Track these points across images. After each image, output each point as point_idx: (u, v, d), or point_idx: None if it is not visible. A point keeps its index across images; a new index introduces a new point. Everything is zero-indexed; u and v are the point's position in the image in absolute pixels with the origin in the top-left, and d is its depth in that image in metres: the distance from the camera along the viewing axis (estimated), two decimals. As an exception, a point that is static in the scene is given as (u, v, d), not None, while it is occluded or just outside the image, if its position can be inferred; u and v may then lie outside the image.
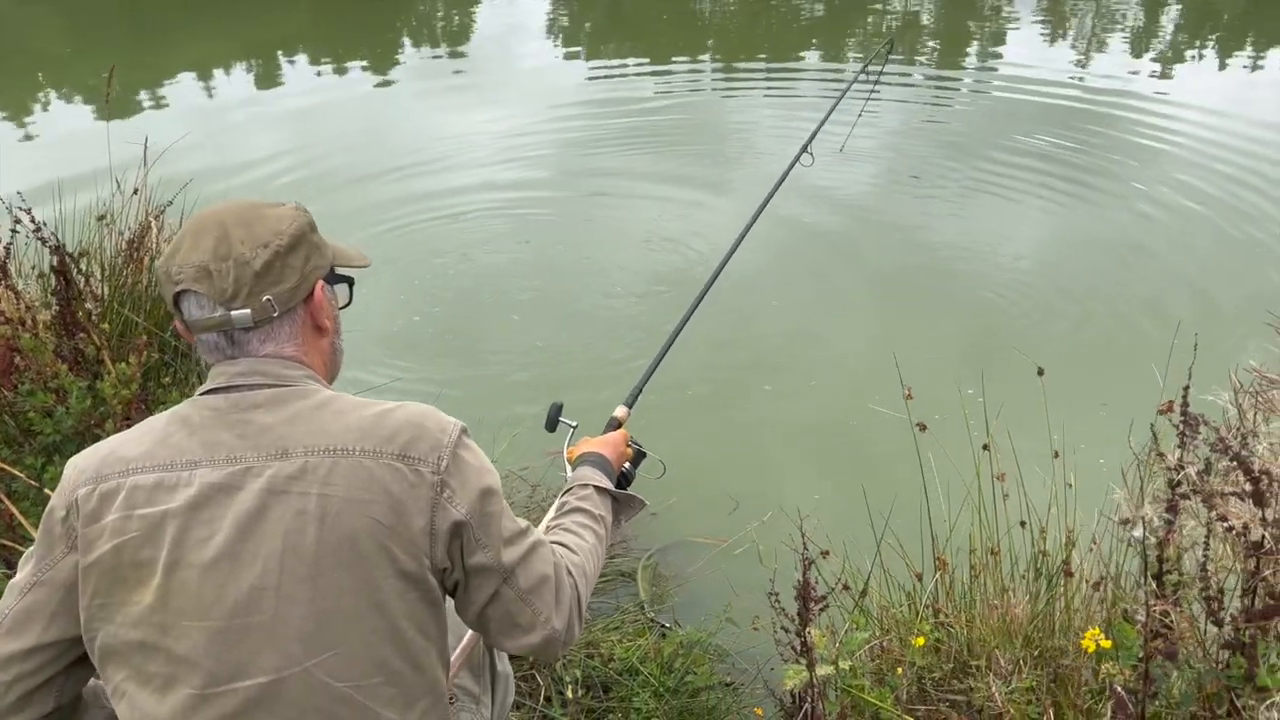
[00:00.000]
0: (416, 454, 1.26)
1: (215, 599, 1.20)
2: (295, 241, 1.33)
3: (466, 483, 1.29)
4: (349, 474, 1.23)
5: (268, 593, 1.19)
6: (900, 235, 5.48)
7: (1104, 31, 10.55)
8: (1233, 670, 1.43)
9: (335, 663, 1.21)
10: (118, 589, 1.23)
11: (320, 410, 1.28)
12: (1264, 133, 6.74)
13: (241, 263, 1.28)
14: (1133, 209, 5.71)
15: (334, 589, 1.20)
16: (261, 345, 1.32)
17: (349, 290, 1.51)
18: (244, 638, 1.20)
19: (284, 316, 1.33)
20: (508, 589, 1.34)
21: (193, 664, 1.20)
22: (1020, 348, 4.00)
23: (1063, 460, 2.22)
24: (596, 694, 2.46)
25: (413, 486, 1.25)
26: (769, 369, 4.20)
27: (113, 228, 3.67)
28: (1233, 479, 1.40)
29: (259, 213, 1.33)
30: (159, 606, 1.21)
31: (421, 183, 6.45)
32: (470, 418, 1.38)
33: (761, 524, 3.17)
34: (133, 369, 2.77)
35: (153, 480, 1.24)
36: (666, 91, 8.65)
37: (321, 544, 1.20)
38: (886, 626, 2.15)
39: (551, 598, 1.37)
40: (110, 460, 1.27)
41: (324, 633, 1.21)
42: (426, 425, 1.29)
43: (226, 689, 1.20)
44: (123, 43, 11.49)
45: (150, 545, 1.22)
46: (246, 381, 1.30)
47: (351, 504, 1.21)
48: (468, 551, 1.30)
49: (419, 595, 1.26)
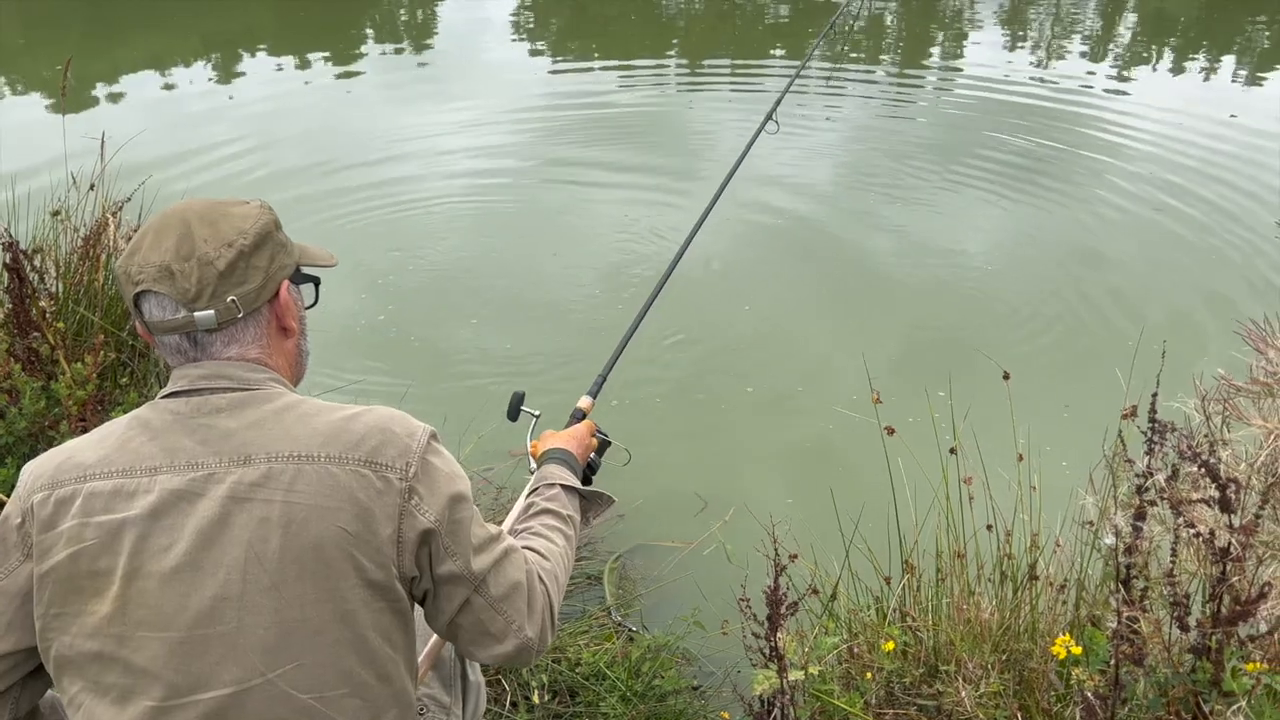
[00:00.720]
0: (384, 460, 1.23)
1: (176, 609, 1.17)
2: (260, 240, 1.30)
3: (435, 489, 1.26)
4: (314, 481, 1.20)
5: (230, 603, 1.17)
6: (865, 238, 5.51)
7: (1063, 37, 10.69)
8: (1199, 675, 1.44)
9: (299, 674, 1.19)
10: (74, 598, 1.19)
11: (284, 415, 1.25)
12: (1220, 139, 6.87)
13: (205, 262, 1.24)
14: (1094, 213, 5.79)
15: (298, 599, 1.17)
16: (225, 347, 1.29)
17: (315, 290, 1.48)
18: (205, 649, 1.17)
19: (248, 318, 1.30)
20: (479, 598, 1.31)
21: (153, 676, 1.17)
22: (985, 351, 4.03)
23: (1027, 463, 2.23)
24: (563, 699, 2.44)
25: (380, 494, 1.22)
26: (737, 372, 4.20)
27: (68, 224, 3.59)
28: (1200, 485, 1.42)
29: (223, 211, 1.30)
30: (117, 617, 1.18)
31: (382, 180, 6.38)
32: (434, 419, 1.35)
33: (726, 524, 3.17)
34: (88, 369, 2.71)
35: (111, 487, 1.20)
36: (630, 88, 8.66)
37: (285, 553, 1.17)
38: (855, 631, 2.16)
39: (524, 605, 1.34)
40: (67, 466, 1.24)
41: (288, 644, 1.18)
42: (394, 430, 1.26)
43: (187, 701, 1.17)
44: (78, 34, 11.25)
45: (108, 554, 1.18)
46: (209, 385, 1.26)
47: (317, 511, 1.18)
48: (436, 560, 1.27)
49: (386, 605, 1.24)
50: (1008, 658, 1.95)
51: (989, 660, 1.92)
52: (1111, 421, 1.82)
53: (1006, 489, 2.26)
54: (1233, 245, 5.30)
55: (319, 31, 11.32)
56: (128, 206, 3.63)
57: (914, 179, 6.31)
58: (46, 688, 1.33)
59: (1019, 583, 2.09)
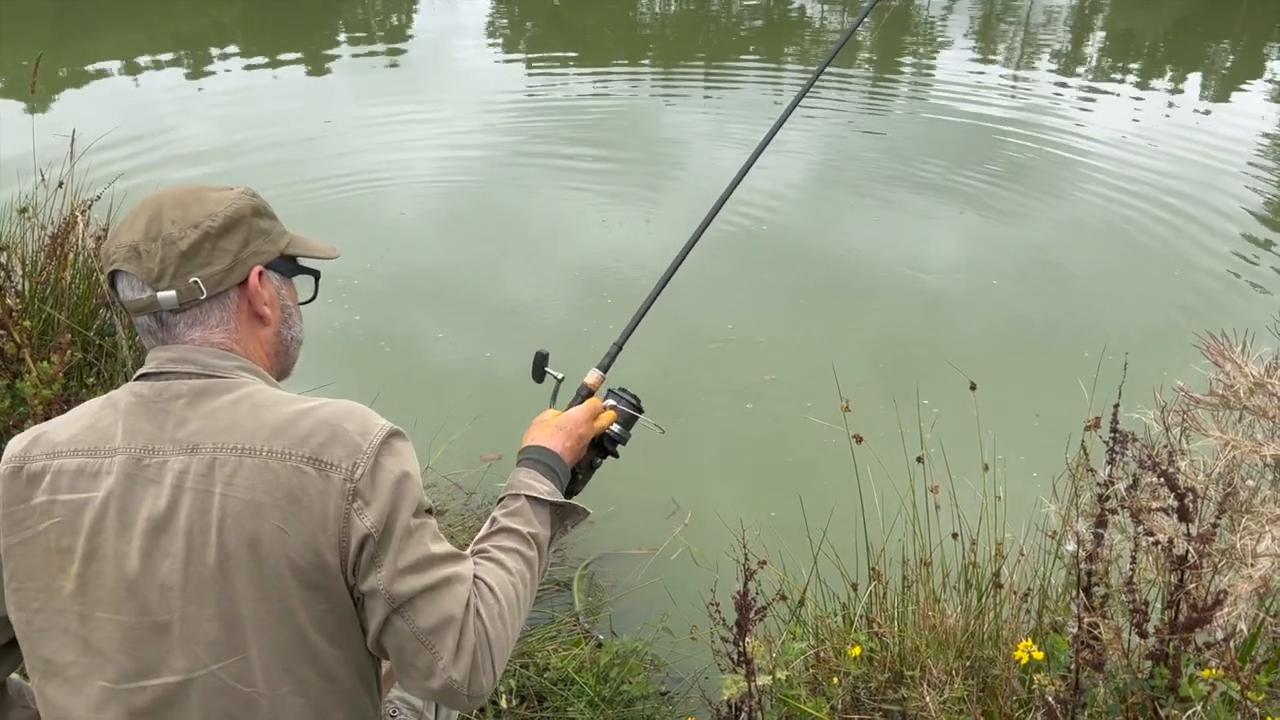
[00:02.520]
0: (329, 459, 1.18)
1: (127, 595, 1.17)
2: (231, 224, 1.29)
3: (380, 494, 1.19)
4: (252, 475, 1.17)
5: (174, 593, 1.16)
6: (834, 247, 5.56)
7: (1032, 54, 10.85)
8: (1156, 680, 1.47)
9: (242, 668, 1.18)
10: (41, 573, 1.20)
11: (238, 405, 1.23)
12: (1184, 153, 7.01)
13: (169, 242, 1.25)
14: (1060, 225, 5.89)
15: (238, 595, 1.16)
16: (189, 329, 1.28)
17: (314, 284, 1.47)
18: (154, 636, 1.17)
19: (213, 301, 1.29)
20: (402, 622, 1.20)
21: (107, 657, 1.18)
22: (953, 361, 4.08)
23: (993, 473, 2.27)
24: (531, 704, 2.44)
25: (321, 493, 1.17)
26: (706, 379, 4.22)
27: (36, 221, 3.54)
28: (1159, 495, 1.45)
29: (199, 195, 1.30)
30: (78, 595, 1.19)
31: (351, 180, 6.36)
32: (404, 423, 1.33)
33: (694, 531, 3.19)
34: (55, 368, 2.69)
35: (76, 465, 1.21)
36: (604, 94, 8.69)
37: (223, 548, 1.16)
38: (822, 636, 2.18)
39: (454, 644, 1.21)
40: (40, 442, 1.25)
41: (230, 637, 1.17)
42: (346, 427, 1.21)
43: (136, 686, 1.18)
44: (47, 31, 11.12)
45: (70, 532, 1.19)
46: (175, 369, 1.26)
47: (250, 507, 1.16)
48: (363, 569, 1.19)
49: (328, 608, 1.20)
50: (971, 664, 1.98)
51: (953, 666, 1.94)
52: (1077, 432, 1.86)
53: (973, 498, 2.30)
54: (1196, 258, 5.40)
55: (290, 31, 11.26)
56: (96, 205, 3.59)
57: (882, 190, 6.39)
58: (13, 667, 1.33)
59: (983, 590, 2.12)
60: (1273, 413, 1.47)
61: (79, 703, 1.19)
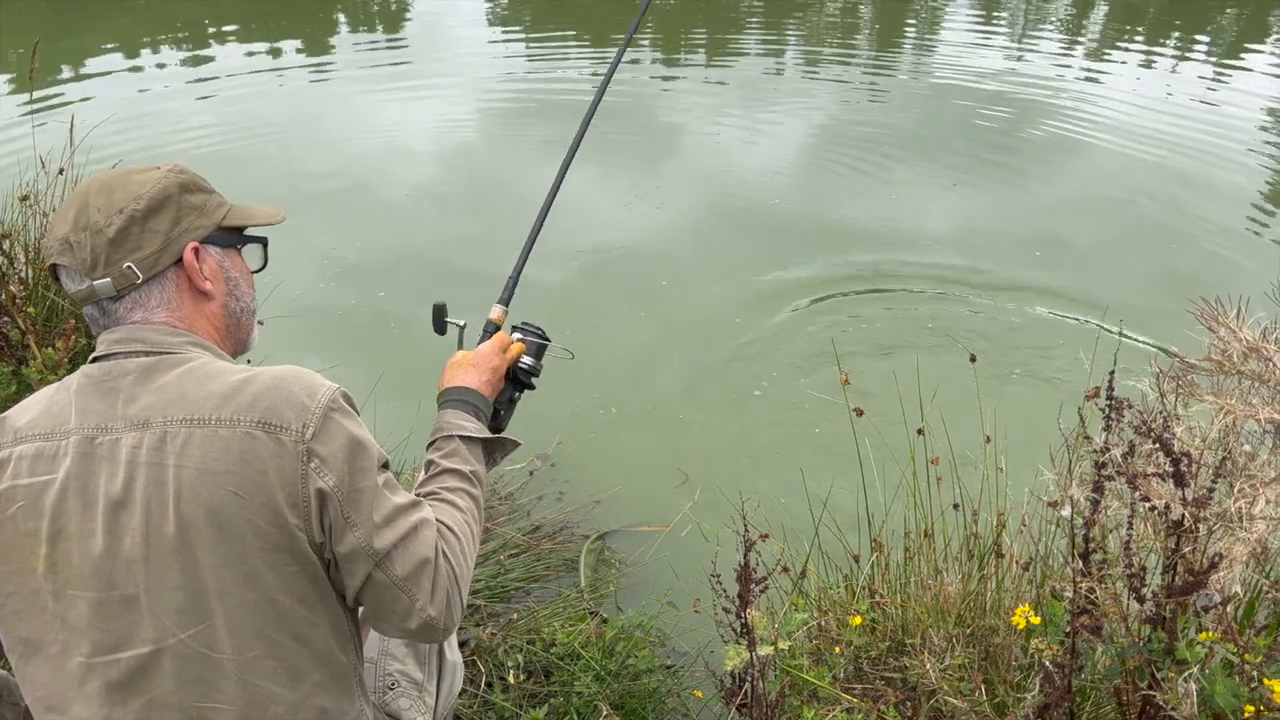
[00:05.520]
0: (278, 421, 1.20)
1: (94, 570, 1.20)
2: (156, 205, 1.30)
3: (334, 453, 1.21)
4: (203, 445, 1.18)
5: (137, 565, 1.19)
6: (834, 220, 5.55)
7: (1035, 25, 10.77)
8: (1154, 644, 1.48)
9: (211, 634, 1.20)
10: (13, 555, 1.23)
11: (184, 378, 1.24)
12: (1186, 124, 6.97)
13: (95, 231, 1.27)
14: (1060, 195, 5.87)
15: (201, 562, 1.18)
16: (130, 313, 1.30)
17: (263, 252, 1.47)
18: (123, 609, 1.20)
19: (151, 282, 1.30)
20: (381, 574, 1.24)
21: (81, 632, 1.21)
22: (953, 333, 4.09)
23: (994, 444, 2.28)
24: (538, 679, 2.46)
25: (274, 456, 1.18)
26: (706, 354, 4.23)
27: (37, 208, 3.55)
28: (1155, 460, 1.46)
29: (124, 179, 1.31)
30: (50, 574, 1.21)
31: (350, 162, 6.36)
32: (409, 405, 1.35)
33: (698, 506, 3.20)
34: (60, 354, 2.71)
35: (34, 450, 1.23)
36: (602, 73, 8.65)
37: (180, 518, 1.17)
38: (824, 607, 2.20)
39: (429, 585, 1.27)
40: (3, 429, 1.27)
41: (197, 605, 1.19)
42: (292, 389, 1.22)
43: (110, 659, 1.20)
44: (45, 18, 11.09)
45: (34, 515, 1.22)
46: (123, 349, 1.28)
47: (205, 475, 1.17)
48: (337, 531, 1.22)
49: (297, 569, 1.22)
50: (972, 632, 1.99)
51: (954, 634, 1.96)
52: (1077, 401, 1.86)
53: (974, 469, 2.31)
54: (1195, 227, 5.39)
55: (289, 13, 11.21)
56: (98, 191, 3.59)
57: (882, 162, 6.37)
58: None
59: (984, 560, 2.13)
60: (1268, 377, 1.48)
61: (61, 678, 1.22)
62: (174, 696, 1.20)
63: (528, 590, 2.84)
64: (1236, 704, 1.40)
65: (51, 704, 1.23)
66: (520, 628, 2.58)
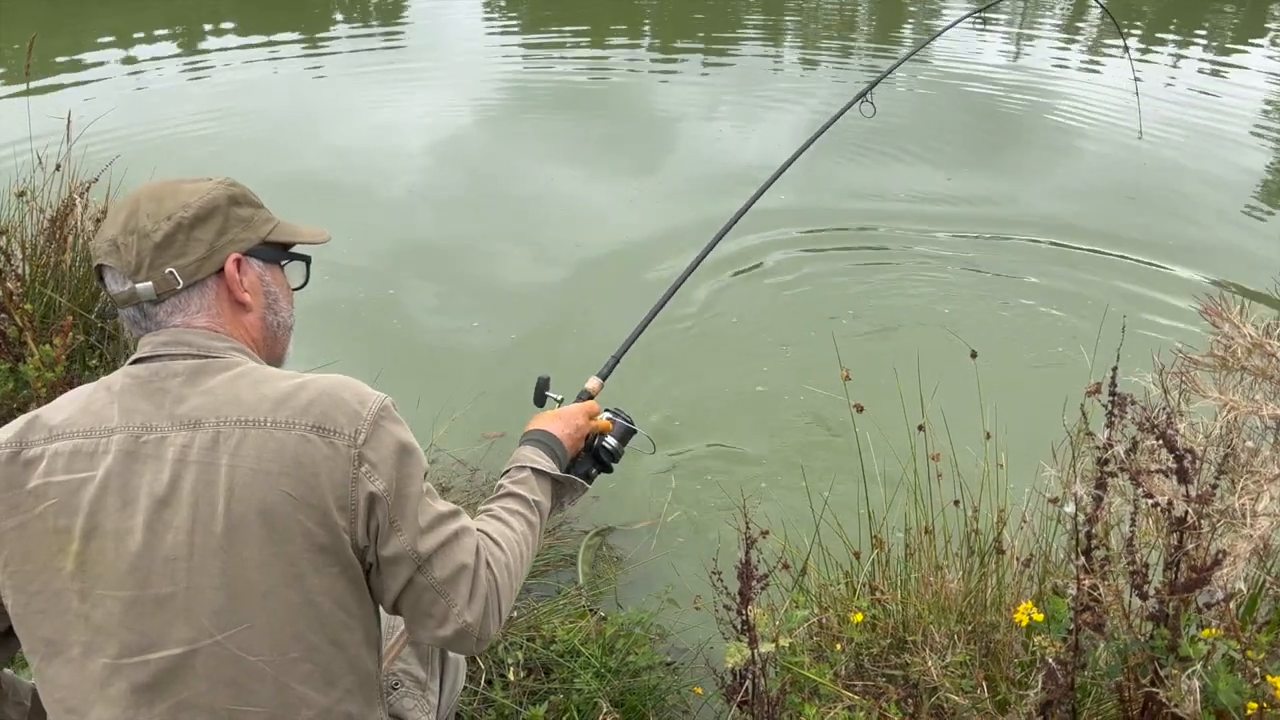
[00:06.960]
0: (332, 426, 1.23)
1: (129, 569, 1.19)
2: (204, 214, 1.32)
3: (385, 459, 1.25)
4: (258, 445, 1.20)
5: (179, 564, 1.18)
6: (835, 213, 5.54)
7: (1034, 22, 10.76)
8: (1156, 641, 1.48)
9: (249, 636, 1.20)
10: (39, 554, 1.22)
11: (237, 381, 1.26)
12: (1187, 116, 6.97)
13: (143, 235, 1.29)
14: (1062, 189, 5.86)
15: (246, 562, 1.18)
16: (170, 317, 1.32)
17: (305, 270, 1.50)
18: (157, 609, 1.19)
19: (191, 289, 1.32)
20: (421, 577, 1.28)
21: (108, 633, 1.20)
22: (953, 329, 4.07)
23: (995, 441, 2.27)
24: (538, 676, 2.46)
25: (327, 459, 1.21)
26: (705, 351, 4.22)
27: (34, 205, 3.54)
28: (1158, 457, 1.45)
29: (175, 188, 1.33)
30: (78, 573, 1.20)
31: (350, 157, 6.34)
32: (408, 401, 1.36)
33: (697, 504, 3.20)
34: (57, 351, 2.69)
35: (71, 447, 1.23)
36: (603, 69, 8.64)
37: (230, 516, 1.18)
38: (825, 604, 2.19)
39: (467, 590, 1.30)
40: (35, 426, 1.26)
41: (237, 606, 1.19)
42: (344, 397, 1.26)
43: (139, 660, 1.19)
44: (41, 13, 11.06)
45: (67, 513, 1.21)
46: (169, 351, 1.29)
47: (259, 476, 1.19)
48: (383, 534, 1.25)
49: (339, 571, 1.24)
50: (973, 629, 1.99)
51: (955, 631, 1.95)
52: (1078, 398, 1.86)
53: (974, 466, 2.30)
54: (1198, 222, 5.38)
55: (286, 8, 11.19)
56: (95, 187, 3.58)
57: (880, 153, 6.35)
58: (8, 656, 1.34)
59: (985, 556, 2.13)
60: (1271, 373, 1.47)
61: (83, 680, 1.21)
62: (204, 698, 1.20)
63: (527, 587, 2.84)
64: (1239, 701, 1.39)
65: (71, 706, 1.22)
66: (520, 625, 2.58)
